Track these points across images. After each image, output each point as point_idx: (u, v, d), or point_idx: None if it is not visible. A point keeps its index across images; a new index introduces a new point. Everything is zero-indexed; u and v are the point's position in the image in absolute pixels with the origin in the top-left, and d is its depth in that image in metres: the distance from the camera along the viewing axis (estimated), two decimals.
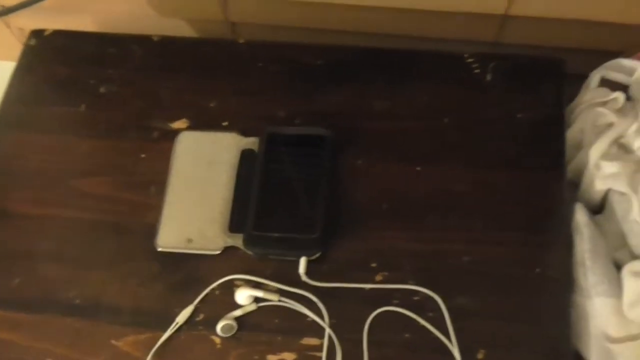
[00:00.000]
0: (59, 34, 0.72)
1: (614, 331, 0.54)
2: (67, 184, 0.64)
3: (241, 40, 0.68)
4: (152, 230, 0.60)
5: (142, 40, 0.70)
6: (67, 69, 0.69)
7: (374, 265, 0.57)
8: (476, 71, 0.64)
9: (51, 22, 0.75)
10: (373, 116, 0.63)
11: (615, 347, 0.53)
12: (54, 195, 0.63)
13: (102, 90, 0.68)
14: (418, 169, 0.60)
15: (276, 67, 0.67)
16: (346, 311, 0.56)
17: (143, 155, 0.64)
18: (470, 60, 0.64)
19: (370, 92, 0.64)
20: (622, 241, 0.58)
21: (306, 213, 0.58)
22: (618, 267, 0.57)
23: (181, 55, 0.69)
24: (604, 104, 0.63)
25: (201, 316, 0.57)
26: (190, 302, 0.57)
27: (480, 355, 0.54)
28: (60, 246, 0.61)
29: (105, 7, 0.84)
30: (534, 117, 0.62)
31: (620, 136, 0.60)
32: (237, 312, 0.57)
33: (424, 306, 0.56)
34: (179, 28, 0.84)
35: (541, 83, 0.63)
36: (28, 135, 0.66)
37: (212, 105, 0.66)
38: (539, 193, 0.59)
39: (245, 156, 0.62)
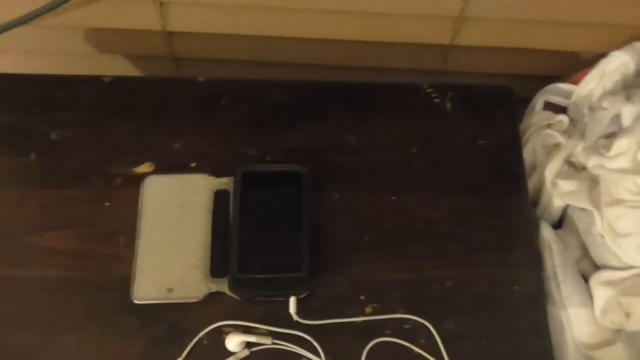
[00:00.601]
0: None
1: (590, 339, 0.58)
2: (23, 241, 0.59)
3: (200, 79, 0.67)
4: (124, 284, 0.57)
5: (91, 81, 0.66)
6: (11, 116, 0.64)
7: (362, 297, 0.58)
8: (436, 100, 0.66)
9: None
10: (343, 150, 0.64)
11: (594, 354, 0.57)
12: (10, 255, 0.58)
13: (53, 136, 0.64)
14: (393, 198, 0.62)
15: (240, 105, 0.66)
16: (341, 347, 0.56)
17: (107, 204, 0.61)
18: (429, 90, 0.67)
19: (338, 126, 0.65)
20: (583, 253, 0.62)
21: (291, 251, 0.58)
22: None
23: (136, 95, 0.66)
24: (549, 126, 0.68)
25: None
26: (178, 356, 0.55)
27: None
28: (24, 310, 0.56)
29: (34, 46, 0.80)
30: (494, 143, 0.65)
31: (570, 155, 0.65)
32: None
33: (416, 333, 0.57)
34: (119, 67, 0.81)
35: (495, 110, 0.67)
36: None
37: (176, 146, 0.63)
38: (506, 214, 0.62)
39: (220, 197, 0.61)
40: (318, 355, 0.55)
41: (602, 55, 0.69)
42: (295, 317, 0.56)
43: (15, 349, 0.55)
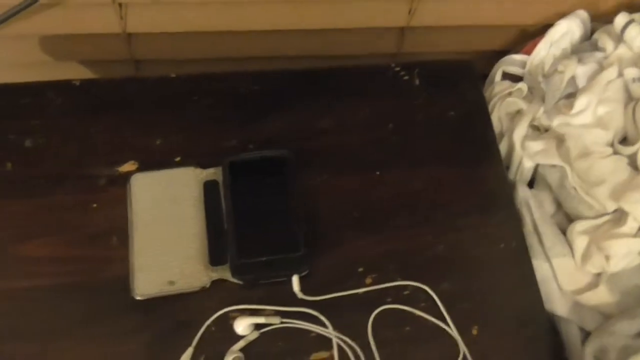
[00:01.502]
0: None
1: (575, 285, 0.62)
2: (12, 252, 0.57)
3: (172, 75, 0.67)
4: (121, 283, 0.57)
5: (60, 86, 0.65)
6: None
7: (361, 270, 0.59)
8: (405, 78, 0.69)
9: None
10: (322, 133, 0.66)
11: (580, 298, 0.61)
12: (1, 268, 0.57)
13: (27, 144, 0.62)
14: (376, 175, 0.64)
15: (215, 98, 0.66)
16: (347, 318, 0.57)
17: (94, 206, 0.60)
18: (397, 69, 0.69)
19: (313, 112, 0.66)
20: (557, 208, 0.66)
21: (287, 232, 0.59)
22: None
23: (109, 96, 0.65)
24: (510, 94, 0.73)
25: (203, 357, 0.55)
26: (188, 345, 0.55)
27: (474, 331, 0.58)
28: (22, 321, 0.55)
29: None
30: (462, 113, 0.68)
31: (533, 119, 0.70)
32: (241, 344, 0.55)
33: (416, 298, 0.59)
34: (77, 74, 0.79)
35: (460, 82, 0.70)
36: None
37: (158, 143, 0.63)
38: (483, 178, 0.65)
39: (209, 188, 0.61)
40: (326, 328, 0.56)
41: (548, 25, 0.74)
42: (300, 295, 0.57)
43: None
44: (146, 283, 0.56)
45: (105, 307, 0.56)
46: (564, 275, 0.62)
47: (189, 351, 0.54)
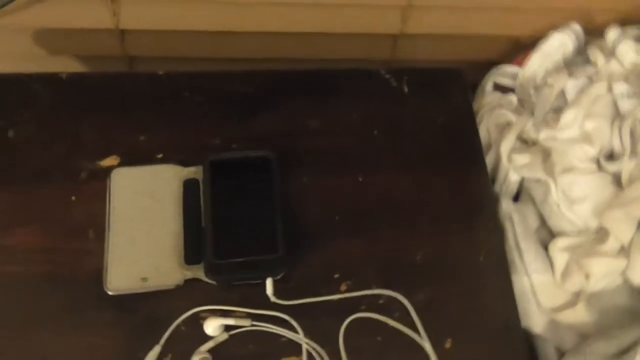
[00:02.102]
0: None
1: (554, 302, 0.61)
2: None
3: (160, 72, 0.67)
4: (96, 276, 0.56)
5: (47, 79, 0.65)
6: None
7: (336, 276, 0.59)
8: (394, 84, 0.69)
9: None
10: (307, 135, 0.65)
11: (558, 316, 0.60)
12: None
13: (10, 134, 0.62)
14: (360, 179, 0.64)
15: (201, 97, 0.66)
16: (319, 325, 0.57)
17: (73, 198, 0.60)
18: (387, 76, 0.69)
19: (301, 112, 0.66)
20: (541, 223, 0.66)
21: (265, 234, 0.58)
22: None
23: (96, 91, 0.65)
24: (500, 105, 0.72)
25: (170, 356, 0.54)
26: (156, 343, 0.54)
27: (447, 344, 0.57)
28: None
29: None
30: (450, 121, 0.68)
31: (521, 132, 0.69)
32: (209, 344, 0.55)
33: (390, 307, 0.58)
34: (70, 68, 0.79)
35: (448, 90, 0.69)
36: None
37: (141, 139, 0.63)
38: (468, 187, 0.65)
39: (189, 186, 0.61)
40: (297, 333, 0.56)
41: (541, 37, 0.73)
42: (273, 299, 0.57)
43: None
44: (119, 278, 0.56)
45: (78, 299, 0.56)
46: (543, 292, 0.61)
47: (156, 349, 0.54)
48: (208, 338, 0.55)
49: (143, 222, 0.59)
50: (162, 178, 0.61)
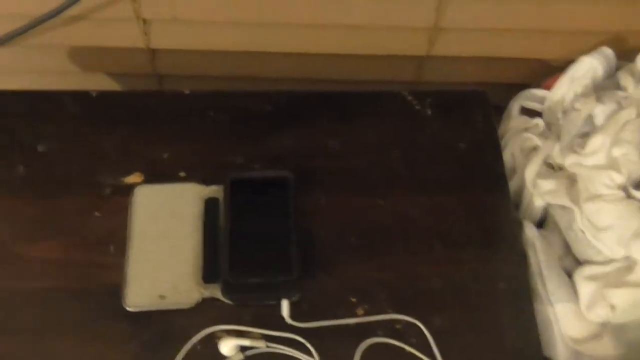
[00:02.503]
0: None
1: (578, 333, 0.59)
2: (13, 252, 0.59)
3: (186, 91, 0.68)
4: (115, 292, 0.57)
5: (78, 96, 0.67)
6: None
7: (353, 300, 0.59)
8: (417, 107, 0.68)
9: None
10: (327, 156, 0.65)
11: (582, 348, 0.58)
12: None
13: (40, 148, 0.64)
14: (378, 200, 0.63)
15: (225, 116, 0.67)
16: (334, 348, 0.56)
17: (96, 214, 0.61)
18: (410, 98, 0.69)
19: (321, 133, 0.66)
20: (566, 250, 0.64)
21: (281, 255, 0.58)
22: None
23: (123, 108, 0.67)
24: (527, 129, 0.71)
25: None
26: None
27: None
28: (14, 318, 0.56)
29: (16, 65, 0.80)
30: (473, 145, 0.67)
31: (547, 157, 0.68)
32: None
33: (407, 333, 0.57)
34: (103, 85, 0.81)
35: (472, 113, 0.69)
36: None
37: (165, 156, 0.64)
38: (488, 212, 0.64)
39: (210, 205, 0.61)
40: (312, 357, 0.56)
41: (571, 61, 0.72)
42: (289, 320, 0.56)
43: (5, 357, 0.54)
44: (137, 295, 0.57)
45: (96, 313, 0.57)
46: (566, 321, 0.59)
47: None
48: (223, 357, 0.55)
49: (163, 240, 0.60)
50: (184, 197, 0.62)
